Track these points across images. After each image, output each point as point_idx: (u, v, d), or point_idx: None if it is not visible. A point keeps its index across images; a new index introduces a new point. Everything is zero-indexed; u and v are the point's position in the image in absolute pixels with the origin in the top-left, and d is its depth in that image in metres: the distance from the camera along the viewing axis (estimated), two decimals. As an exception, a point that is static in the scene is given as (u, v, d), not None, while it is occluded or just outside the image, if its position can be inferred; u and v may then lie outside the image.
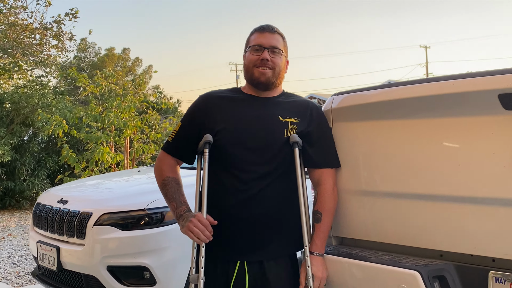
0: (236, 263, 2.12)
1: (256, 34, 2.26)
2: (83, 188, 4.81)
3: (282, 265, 2.19)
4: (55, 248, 3.93)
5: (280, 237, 2.17)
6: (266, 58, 2.19)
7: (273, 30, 2.25)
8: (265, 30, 2.24)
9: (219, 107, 2.23)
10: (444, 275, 2.03)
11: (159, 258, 3.60)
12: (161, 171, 2.29)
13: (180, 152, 2.31)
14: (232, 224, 2.11)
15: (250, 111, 2.22)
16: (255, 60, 2.21)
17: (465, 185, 2.01)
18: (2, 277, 5.65)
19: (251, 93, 2.28)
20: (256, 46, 2.22)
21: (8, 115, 11.02)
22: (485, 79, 1.94)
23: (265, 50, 2.20)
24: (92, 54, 35.66)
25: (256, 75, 2.20)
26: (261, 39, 2.22)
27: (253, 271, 2.13)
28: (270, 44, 2.21)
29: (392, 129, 2.24)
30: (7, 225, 9.05)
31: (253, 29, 2.30)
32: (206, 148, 2.15)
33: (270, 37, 2.23)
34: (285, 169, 2.18)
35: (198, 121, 2.23)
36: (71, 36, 13.32)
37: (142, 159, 9.72)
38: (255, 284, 2.13)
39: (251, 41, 2.26)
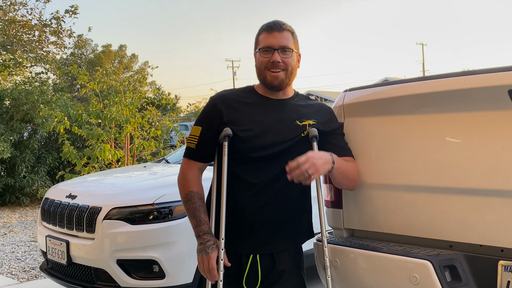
0: (249, 256, 2.16)
1: (264, 34, 2.19)
2: (91, 183, 4.86)
3: (291, 256, 2.23)
4: (64, 242, 3.98)
5: (291, 230, 2.21)
6: (277, 60, 2.14)
7: (281, 28, 2.18)
8: (273, 29, 2.17)
9: (237, 110, 2.19)
10: (454, 264, 2.10)
11: (168, 251, 3.66)
12: (186, 183, 2.21)
13: (207, 157, 2.24)
14: (245, 220, 2.14)
15: (268, 116, 2.18)
16: (266, 63, 2.16)
17: (474, 178, 2.08)
18: (8, 272, 5.70)
19: (266, 94, 2.24)
20: (265, 47, 2.16)
21: (8, 112, 11.02)
22: (495, 76, 2.01)
23: (275, 52, 2.15)
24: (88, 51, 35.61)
25: (268, 79, 2.17)
26: (270, 39, 2.16)
27: (265, 263, 2.17)
28: (279, 44, 2.15)
29: (403, 124, 2.31)
30: (8, 221, 9.08)
31: (261, 27, 2.23)
32: (225, 141, 2.13)
33: (279, 36, 2.16)
34: None
35: (220, 122, 2.17)
36: (70, 32, 13.34)
37: (142, 155, 9.77)
38: (266, 276, 2.18)
39: (260, 41, 2.20)
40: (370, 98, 2.42)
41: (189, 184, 2.20)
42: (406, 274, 2.12)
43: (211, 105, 2.23)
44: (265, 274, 2.18)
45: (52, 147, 11.52)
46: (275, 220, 2.16)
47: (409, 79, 2.33)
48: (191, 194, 2.18)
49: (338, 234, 2.57)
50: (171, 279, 3.65)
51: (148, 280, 3.71)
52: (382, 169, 2.36)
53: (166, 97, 9.98)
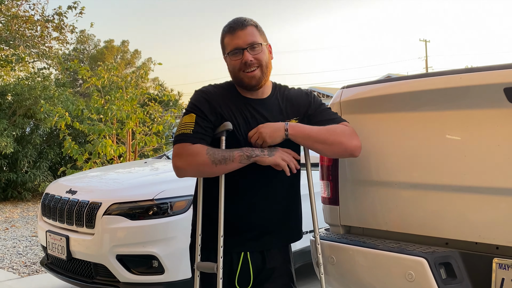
0: (239, 255, 2.15)
1: (228, 37, 2.09)
2: (91, 179, 4.88)
3: (281, 253, 2.23)
4: (64, 237, 4.00)
5: (281, 230, 2.20)
6: (249, 59, 2.05)
7: (244, 24, 2.08)
8: (235, 29, 2.07)
9: (224, 107, 2.10)
10: (449, 262, 2.11)
11: (167, 247, 3.68)
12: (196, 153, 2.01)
13: (206, 141, 2.07)
14: (234, 219, 2.11)
15: (253, 119, 2.11)
16: (238, 65, 2.07)
17: (470, 176, 2.09)
18: (9, 267, 5.73)
19: (247, 95, 2.15)
20: (233, 50, 2.07)
21: (11, 107, 11.06)
22: (491, 73, 2.01)
23: (244, 51, 2.05)
24: (91, 46, 35.64)
25: (246, 80, 2.08)
26: (236, 40, 2.06)
27: (255, 262, 2.16)
28: (246, 42, 2.06)
29: (399, 121, 2.32)
30: (10, 216, 9.12)
31: (223, 30, 2.13)
32: (223, 136, 2.06)
33: (244, 34, 2.06)
34: None
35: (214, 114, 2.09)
36: (73, 28, 13.35)
37: (144, 151, 9.79)
38: (257, 274, 2.18)
39: (227, 45, 2.11)
40: (368, 95, 2.43)
41: (200, 149, 2.01)
42: (402, 271, 2.13)
43: (200, 95, 2.13)
44: (256, 272, 2.17)
45: (54, 142, 11.56)
46: (264, 220, 2.14)
47: (406, 76, 2.34)
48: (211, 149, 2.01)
49: (335, 231, 2.58)
50: (170, 274, 3.67)
51: (148, 275, 3.73)
52: (379, 166, 2.37)
53: (168, 93, 9.97)
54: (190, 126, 2.06)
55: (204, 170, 2.03)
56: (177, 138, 2.08)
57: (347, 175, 2.48)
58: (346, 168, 2.48)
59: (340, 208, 2.53)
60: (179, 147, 2.05)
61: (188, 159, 2.02)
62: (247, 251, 2.15)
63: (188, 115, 2.09)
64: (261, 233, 2.15)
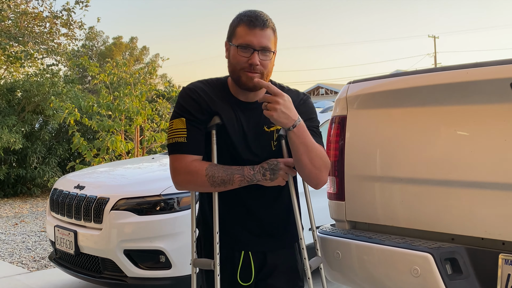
0: (241, 252, 2.13)
1: (244, 28, 1.95)
2: (99, 174, 4.90)
3: (283, 255, 2.18)
4: (72, 232, 4.03)
5: (281, 231, 2.16)
6: (256, 63, 1.94)
7: (265, 24, 1.95)
8: (256, 25, 1.94)
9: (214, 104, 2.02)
10: (455, 257, 2.10)
11: (174, 242, 3.69)
12: (195, 171, 1.95)
13: (200, 148, 2.01)
14: (235, 224, 2.10)
15: (240, 122, 2.02)
16: (243, 63, 1.95)
17: (476, 171, 2.08)
18: (18, 262, 5.78)
19: (237, 95, 2.06)
20: (245, 45, 1.94)
21: (20, 103, 11.14)
22: (498, 68, 2.00)
23: (255, 53, 1.93)
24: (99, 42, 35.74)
25: (243, 80, 1.97)
26: (251, 37, 1.93)
27: (258, 258, 2.14)
28: (261, 44, 1.94)
29: (405, 116, 2.31)
30: (20, 211, 9.20)
31: (240, 18, 1.98)
32: (213, 130, 2.01)
33: (261, 35, 1.94)
34: None
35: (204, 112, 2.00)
36: (81, 24, 13.40)
37: (152, 147, 9.83)
38: (260, 269, 2.17)
39: (238, 35, 1.96)
40: (374, 90, 2.42)
41: (199, 168, 1.95)
42: (407, 267, 2.13)
43: (189, 97, 2.02)
44: (258, 267, 2.15)
45: (63, 138, 11.64)
46: (263, 223, 2.11)
47: (412, 72, 2.33)
48: (208, 169, 1.95)
49: (341, 227, 2.58)
50: (177, 269, 3.69)
51: (155, 270, 3.75)
52: (384, 161, 2.37)
53: (176, 89, 9.99)
54: (183, 134, 1.98)
55: (203, 190, 2.03)
56: (172, 147, 2.00)
57: (353, 171, 2.48)
58: (352, 163, 2.48)
59: (346, 203, 2.53)
60: (176, 160, 1.99)
61: (186, 177, 1.97)
62: (249, 250, 2.13)
63: (178, 119, 2.00)
64: (261, 236, 2.12)
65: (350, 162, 2.50)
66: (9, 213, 8.99)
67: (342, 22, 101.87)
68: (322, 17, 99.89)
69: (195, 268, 2.12)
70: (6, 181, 10.62)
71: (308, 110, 2.10)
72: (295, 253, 2.23)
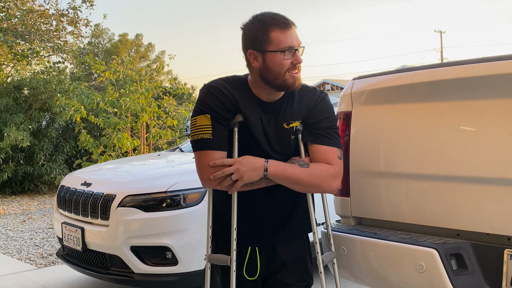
0: (247, 248, 2.14)
1: (278, 32, 1.93)
2: (106, 171, 4.93)
3: (294, 246, 2.20)
4: (79, 229, 4.06)
5: (291, 223, 2.17)
6: (301, 61, 1.96)
7: (293, 23, 1.98)
8: (289, 26, 1.94)
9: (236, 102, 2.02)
10: (460, 253, 2.10)
11: (181, 239, 3.71)
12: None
13: (225, 145, 2.02)
14: (244, 217, 2.09)
15: (261, 120, 2.05)
16: (288, 65, 1.94)
17: (482, 166, 2.08)
18: (26, 258, 5.82)
19: (261, 96, 2.06)
20: (289, 48, 1.93)
21: (27, 101, 11.20)
22: (503, 63, 2.00)
23: (296, 52, 1.95)
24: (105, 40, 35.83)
25: (290, 81, 1.96)
26: (289, 38, 1.93)
27: (265, 253, 2.15)
28: (299, 42, 1.96)
29: (410, 112, 2.31)
30: (27, 208, 9.26)
31: (269, 22, 1.95)
32: (236, 127, 2.02)
33: (295, 33, 1.96)
34: None
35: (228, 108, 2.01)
36: (87, 22, 13.44)
37: (158, 144, 9.86)
38: (268, 265, 2.18)
39: (276, 40, 1.93)
40: (378, 86, 2.43)
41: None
42: (412, 262, 2.13)
43: (212, 94, 2.02)
44: (266, 263, 2.16)
45: (70, 135, 11.69)
46: (273, 218, 2.13)
47: (416, 67, 2.33)
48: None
49: (346, 223, 2.59)
50: (184, 265, 3.71)
51: (161, 266, 3.77)
52: (390, 157, 2.37)
53: (182, 86, 10.01)
54: (208, 130, 1.98)
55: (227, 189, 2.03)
56: (197, 144, 2.00)
57: (358, 167, 2.48)
58: (357, 159, 2.48)
59: (351, 199, 2.54)
60: (203, 157, 1.99)
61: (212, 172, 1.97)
62: (255, 246, 2.14)
63: (202, 115, 1.99)
64: (269, 229, 2.13)
65: (355, 158, 2.50)
66: (17, 210, 9.06)
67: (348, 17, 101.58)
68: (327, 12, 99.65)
69: (208, 264, 2.13)
70: (14, 179, 10.69)
71: (324, 108, 2.10)
72: (304, 247, 2.24)
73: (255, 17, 1.98)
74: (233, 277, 2.02)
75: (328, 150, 2.04)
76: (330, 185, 2.03)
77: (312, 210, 2.12)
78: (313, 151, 2.06)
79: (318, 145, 2.05)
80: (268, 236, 2.14)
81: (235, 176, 1.91)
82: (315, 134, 2.05)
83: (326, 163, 2.02)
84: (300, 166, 2.00)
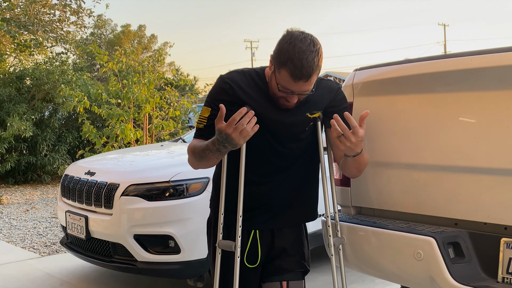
0: (250, 232, 2.20)
1: (288, 77, 1.93)
2: (109, 161, 4.98)
3: (292, 234, 2.27)
4: (83, 217, 4.11)
5: (293, 211, 2.23)
6: (294, 102, 2.03)
7: (309, 75, 1.92)
8: (300, 78, 1.92)
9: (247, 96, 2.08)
10: (458, 241, 2.14)
11: (183, 228, 3.76)
12: (189, 148, 2.15)
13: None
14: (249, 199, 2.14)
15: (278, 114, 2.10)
16: (281, 94, 2.01)
17: (480, 157, 2.11)
18: (30, 247, 5.89)
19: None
20: (285, 89, 1.98)
21: (29, 91, 11.23)
22: (502, 55, 2.03)
23: (293, 95, 2.00)
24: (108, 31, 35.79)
25: (280, 102, 2.06)
26: (293, 86, 1.96)
27: (265, 240, 2.21)
28: (301, 90, 1.98)
29: (411, 103, 2.34)
30: (30, 198, 9.32)
31: (286, 61, 1.91)
32: None
33: (304, 84, 1.95)
34: (309, 152, 2.21)
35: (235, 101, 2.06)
36: (90, 12, 13.45)
37: (160, 135, 9.90)
38: (268, 252, 2.23)
39: (281, 77, 1.95)
40: (380, 77, 2.46)
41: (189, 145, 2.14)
42: (411, 250, 2.18)
43: (222, 88, 2.09)
44: (266, 250, 2.22)
45: (72, 126, 11.73)
46: (278, 201, 2.18)
47: (417, 59, 2.36)
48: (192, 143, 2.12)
49: (346, 212, 2.63)
50: (186, 254, 3.76)
51: (164, 255, 3.83)
52: (390, 148, 2.41)
53: (184, 77, 10.02)
54: (204, 121, 2.12)
55: (197, 166, 2.17)
56: (195, 131, 2.18)
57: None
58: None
59: (352, 189, 2.58)
60: (191, 142, 2.16)
61: (188, 156, 2.17)
62: (257, 229, 2.20)
63: (206, 108, 2.12)
64: (272, 213, 2.19)
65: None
66: (20, 200, 9.12)
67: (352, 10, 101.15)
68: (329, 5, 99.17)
69: (219, 249, 2.18)
70: (17, 168, 10.74)
71: (343, 98, 2.24)
72: (303, 235, 2.30)
73: (290, 41, 1.94)
74: (237, 262, 2.08)
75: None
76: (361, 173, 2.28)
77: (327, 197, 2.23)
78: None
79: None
80: (268, 220, 2.20)
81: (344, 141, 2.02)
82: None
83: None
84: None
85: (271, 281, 2.22)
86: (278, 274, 2.21)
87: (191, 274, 3.90)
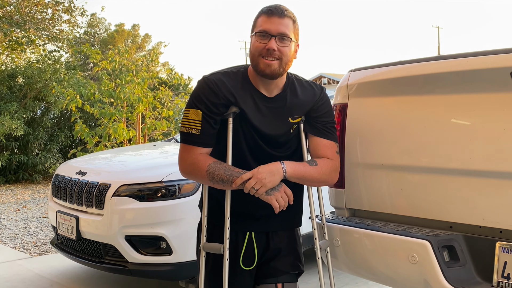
0: (245, 234, 2.18)
1: (263, 18, 2.03)
2: (101, 161, 4.92)
3: (286, 235, 2.25)
4: (74, 217, 4.06)
5: (285, 215, 2.18)
6: (272, 48, 1.99)
7: (283, 13, 2.02)
8: (273, 14, 2.01)
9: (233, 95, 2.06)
10: (453, 245, 2.12)
11: (175, 228, 3.72)
12: (197, 164, 2.04)
13: (212, 142, 2.09)
14: (241, 203, 2.13)
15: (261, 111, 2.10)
16: (261, 49, 2.01)
17: (475, 160, 2.09)
18: (20, 247, 5.83)
19: (258, 87, 2.10)
20: (262, 32, 2.01)
21: (21, 90, 11.15)
22: (498, 57, 2.01)
23: (272, 38, 2.00)
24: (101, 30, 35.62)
25: (261, 66, 2.02)
26: (268, 24, 2.01)
27: (260, 242, 2.20)
28: (278, 31, 2.00)
29: (406, 105, 2.32)
30: (21, 197, 9.25)
31: (261, 10, 2.07)
32: (230, 117, 2.06)
33: (279, 22, 2.01)
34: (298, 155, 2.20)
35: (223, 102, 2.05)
36: (83, 11, 13.37)
37: (153, 135, 9.85)
38: (263, 254, 2.21)
39: (258, 25, 2.04)
40: (374, 78, 2.44)
41: (202, 163, 2.04)
42: (405, 253, 2.15)
43: (208, 88, 2.06)
44: (261, 252, 2.20)
45: (65, 125, 11.67)
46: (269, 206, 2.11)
47: (412, 60, 2.34)
48: (211, 165, 2.02)
49: (340, 214, 2.60)
50: (178, 255, 3.71)
51: (156, 256, 3.78)
52: (384, 149, 2.38)
53: (178, 76, 9.95)
54: (197, 126, 2.04)
55: (203, 183, 2.15)
56: (184, 137, 2.07)
57: (353, 159, 2.49)
58: (352, 151, 2.50)
59: (346, 191, 2.55)
60: (186, 150, 2.08)
61: (190, 168, 2.08)
62: (252, 231, 2.18)
63: (194, 110, 2.05)
64: (266, 216, 2.17)
65: (350, 150, 2.51)
66: (11, 199, 9.05)
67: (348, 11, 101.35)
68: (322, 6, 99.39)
69: (203, 252, 2.16)
70: (8, 167, 10.67)
71: (325, 103, 2.21)
72: (296, 236, 2.29)
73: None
74: (225, 265, 2.05)
75: (328, 144, 2.17)
76: (334, 179, 2.21)
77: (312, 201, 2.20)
78: (313, 143, 2.18)
79: (318, 138, 2.17)
80: (262, 223, 2.18)
81: (258, 186, 1.98)
82: (316, 127, 2.17)
83: (326, 157, 2.15)
84: (310, 165, 2.11)
85: (266, 283, 2.20)
86: (273, 276, 2.20)
87: (183, 275, 3.86)
